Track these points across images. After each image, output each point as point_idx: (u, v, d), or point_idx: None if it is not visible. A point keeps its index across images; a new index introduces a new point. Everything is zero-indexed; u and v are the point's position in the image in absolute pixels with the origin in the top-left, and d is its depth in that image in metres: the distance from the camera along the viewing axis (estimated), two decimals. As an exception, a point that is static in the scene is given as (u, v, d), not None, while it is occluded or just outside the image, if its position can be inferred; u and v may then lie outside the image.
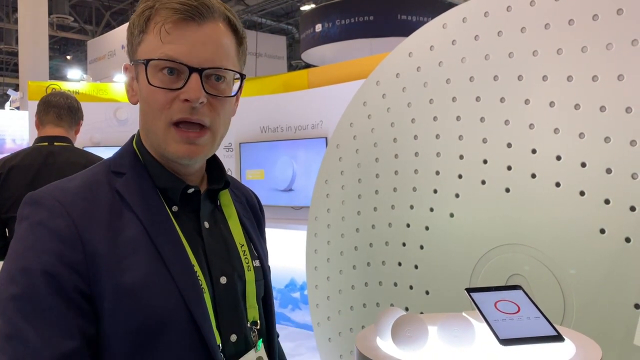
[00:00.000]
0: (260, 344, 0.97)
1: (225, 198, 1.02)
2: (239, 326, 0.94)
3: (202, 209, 0.95)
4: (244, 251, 0.99)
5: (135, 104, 0.94)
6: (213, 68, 0.88)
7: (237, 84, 0.97)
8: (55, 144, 2.38)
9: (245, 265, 0.97)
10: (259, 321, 0.99)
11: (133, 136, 0.98)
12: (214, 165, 1.02)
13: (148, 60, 0.87)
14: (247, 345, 0.94)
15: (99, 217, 0.84)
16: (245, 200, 1.11)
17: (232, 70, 0.91)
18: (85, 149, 5.44)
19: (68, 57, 18.22)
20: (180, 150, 0.89)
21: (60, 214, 0.82)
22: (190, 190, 0.93)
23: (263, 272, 1.03)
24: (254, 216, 1.11)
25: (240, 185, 1.15)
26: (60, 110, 2.43)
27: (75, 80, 12.49)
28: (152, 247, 0.85)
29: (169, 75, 0.87)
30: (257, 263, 1.01)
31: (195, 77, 0.86)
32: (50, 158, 2.33)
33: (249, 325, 0.96)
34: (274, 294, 4.54)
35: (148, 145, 0.94)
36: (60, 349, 0.75)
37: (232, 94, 0.93)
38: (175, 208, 0.92)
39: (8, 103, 8.94)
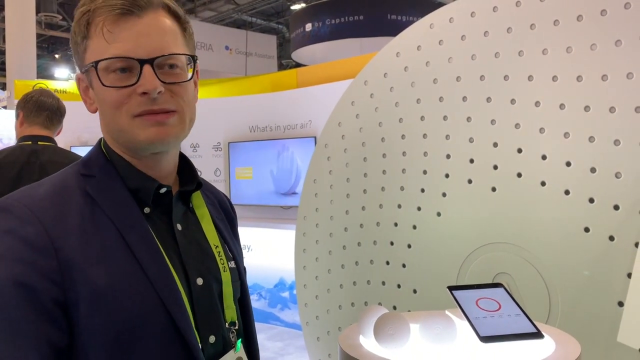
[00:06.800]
0: (239, 344, 0.97)
1: (198, 200, 1.01)
2: (217, 327, 0.93)
3: (175, 211, 0.94)
4: (219, 252, 0.98)
5: (95, 112, 0.93)
6: (163, 56, 0.87)
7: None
8: (39, 142, 2.38)
9: (220, 266, 0.97)
10: (237, 322, 0.99)
11: (100, 139, 0.97)
12: (185, 166, 1.02)
13: (97, 62, 0.86)
14: (225, 346, 0.94)
15: (71, 222, 0.83)
16: (217, 202, 1.11)
17: (182, 54, 0.91)
18: (73, 148, 5.38)
19: (56, 56, 18.05)
20: (151, 134, 0.87)
21: (30, 221, 0.81)
22: (163, 190, 0.92)
23: (239, 273, 1.03)
24: (226, 217, 1.11)
25: (212, 188, 1.14)
26: (52, 114, 2.45)
27: (62, 79, 12.38)
28: (126, 249, 0.84)
29: (121, 74, 0.86)
30: (232, 264, 1.01)
31: (147, 68, 0.85)
32: (33, 156, 2.33)
33: (227, 325, 0.96)
34: (263, 293, 4.54)
35: (116, 147, 0.93)
36: None
37: (188, 78, 0.93)
38: (147, 210, 0.91)
39: (-5, 102, 8.85)
